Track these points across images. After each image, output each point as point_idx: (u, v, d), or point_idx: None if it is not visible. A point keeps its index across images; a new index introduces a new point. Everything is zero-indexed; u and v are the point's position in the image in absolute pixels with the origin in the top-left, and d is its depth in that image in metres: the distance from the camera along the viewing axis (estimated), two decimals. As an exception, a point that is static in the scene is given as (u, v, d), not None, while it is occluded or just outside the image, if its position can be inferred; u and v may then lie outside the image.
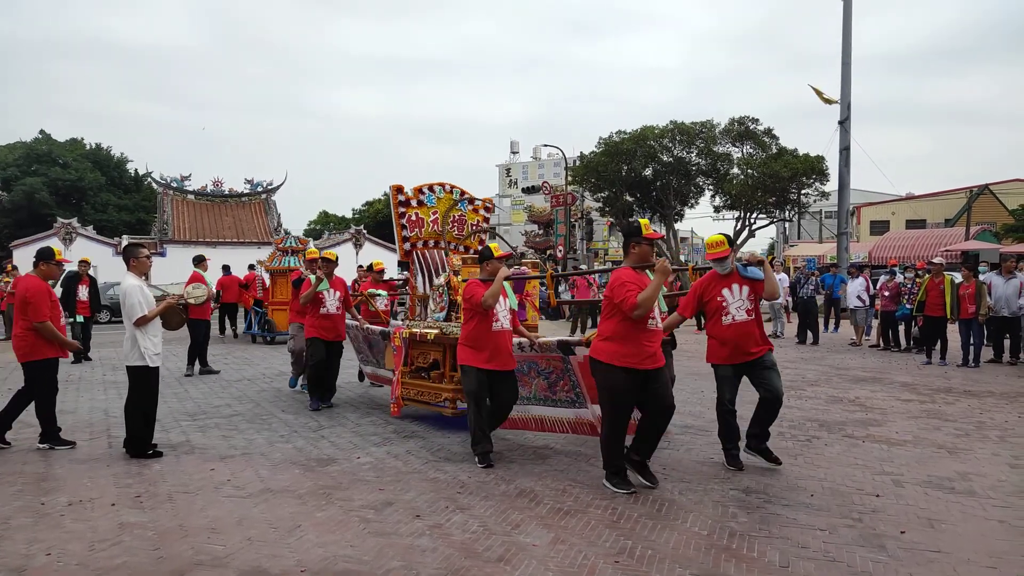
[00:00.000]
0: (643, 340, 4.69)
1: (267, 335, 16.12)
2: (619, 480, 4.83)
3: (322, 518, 4.38)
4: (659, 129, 28.69)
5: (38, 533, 4.14)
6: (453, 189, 7.72)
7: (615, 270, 4.88)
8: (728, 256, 5.34)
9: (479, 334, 5.55)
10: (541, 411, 6.12)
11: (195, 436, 6.62)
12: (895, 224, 39.46)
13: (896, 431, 6.69)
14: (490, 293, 5.43)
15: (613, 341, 4.71)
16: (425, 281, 7.56)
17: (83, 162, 50.50)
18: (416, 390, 7.03)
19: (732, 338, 5.30)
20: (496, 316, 5.57)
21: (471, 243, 7.85)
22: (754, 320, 5.33)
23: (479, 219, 7.95)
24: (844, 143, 22.97)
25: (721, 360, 5.43)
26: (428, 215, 7.54)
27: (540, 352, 5.86)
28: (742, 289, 5.31)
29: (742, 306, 5.29)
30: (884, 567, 3.62)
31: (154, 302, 5.99)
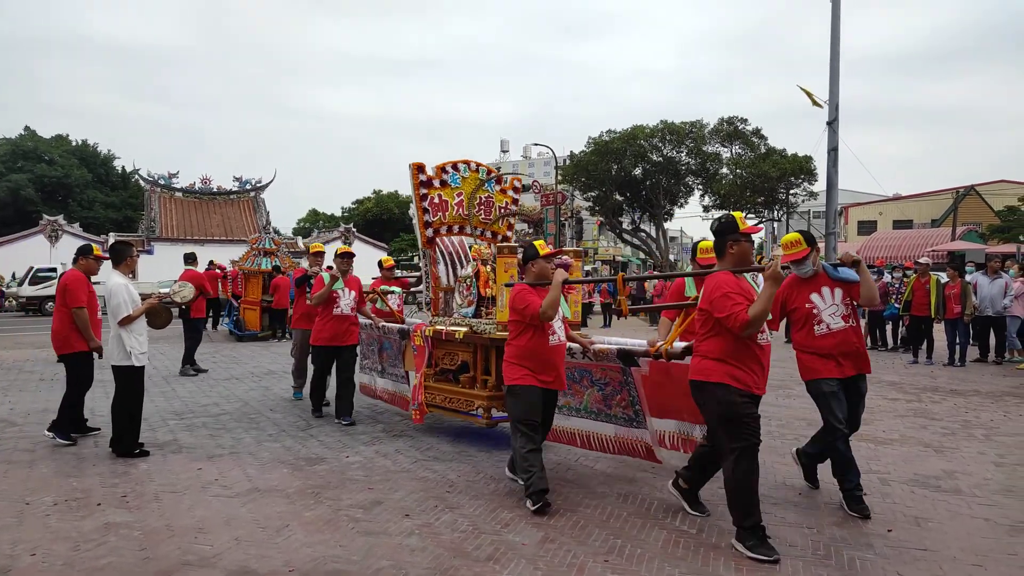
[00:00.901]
0: (759, 359, 3.90)
1: (236, 332, 16.51)
2: (757, 542, 3.75)
3: (310, 518, 4.35)
4: (649, 129, 28.79)
5: (23, 533, 4.10)
6: (479, 167, 6.93)
7: (710, 275, 4.00)
8: (807, 256, 4.50)
9: (535, 350, 4.63)
10: (588, 425, 5.34)
11: (182, 435, 6.57)
12: (882, 224, 39.78)
13: (883, 430, 6.73)
14: (549, 303, 4.50)
15: (725, 363, 3.85)
16: (448, 271, 6.78)
17: (69, 159, 50.10)
18: (443, 396, 6.26)
19: (833, 349, 4.46)
20: (552, 328, 4.69)
21: (499, 228, 7.07)
22: (854, 328, 4.52)
23: (507, 201, 7.09)
24: (832, 144, 23.04)
25: (824, 374, 4.47)
26: (452, 197, 6.70)
27: (595, 360, 5.10)
28: (834, 292, 4.50)
29: (837, 311, 4.47)
30: (871, 565, 3.64)
31: (140, 301, 5.95)
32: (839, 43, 22.80)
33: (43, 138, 52.11)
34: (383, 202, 59.52)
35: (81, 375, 6.28)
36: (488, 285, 6.15)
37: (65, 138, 53.72)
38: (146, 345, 5.92)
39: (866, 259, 28.90)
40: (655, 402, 5.03)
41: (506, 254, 5.78)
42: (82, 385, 6.32)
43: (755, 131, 28.53)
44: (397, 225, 56.18)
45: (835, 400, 4.43)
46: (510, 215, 7.12)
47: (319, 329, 7.16)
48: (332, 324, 7.07)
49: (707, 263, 5.00)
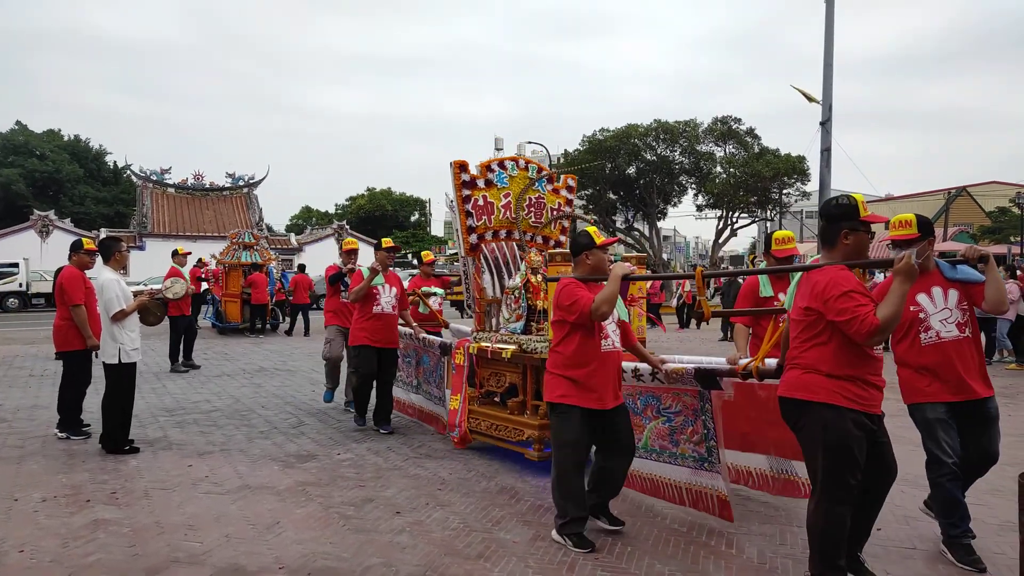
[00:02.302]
0: (873, 371, 3.20)
1: (218, 324, 17.27)
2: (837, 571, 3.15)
3: (301, 515, 4.34)
4: (643, 128, 28.83)
5: (11, 529, 4.08)
6: (528, 165, 6.27)
7: (815, 271, 3.23)
8: (913, 242, 3.68)
9: (583, 357, 3.92)
10: (653, 468, 4.51)
11: (173, 432, 6.55)
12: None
13: (873, 429, 6.75)
14: (604, 297, 3.81)
15: (835, 377, 3.12)
16: (495, 281, 6.08)
17: (61, 154, 49.77)
18: (488, 422, 5.63)
19: (938, 364, 3.76)
20: (606, 331, 4.00)
21: (551, 232, 6.35)
22: (970, 339, 3.75)
23: (561, 201, 6.36)
24: (825, 144, 23.14)
25: (927, 397, 3.82)
26: (499, 198, 6.03)
27: (667, 383, 4.27)
28: (948, 295, 3.77)
29: (950, 318, 3.74)
30: (860, 563, 3.65)
31: (132, 296, 5.92)
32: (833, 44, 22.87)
33: (34, 133, 51.76)
34: (376, 199, 59.39)
35: (79, 372, 6.29)
36: (538, 297, 5.48)
37: (57, 133, 53.37)
38: (138, 341, 5.90)
39: (858, 259, 29.03)
40: (737, 432, 4.30)
41: (559, 262, 5.00)
42: (80, 383, 6.33)
43: (749, 131, 28.63)
44: (390, 222, 56.11)
45: (941, 428, 3.74)
46: (564, 217, 6.42)
47: (357, 328, 6.55)
48: (371, 323, 6.46)
49: (784, 256, 4.40)
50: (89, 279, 6.34)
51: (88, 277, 6.34)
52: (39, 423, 6.87)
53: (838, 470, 3.10)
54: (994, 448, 3.77)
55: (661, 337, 16.49)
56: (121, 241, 6.09)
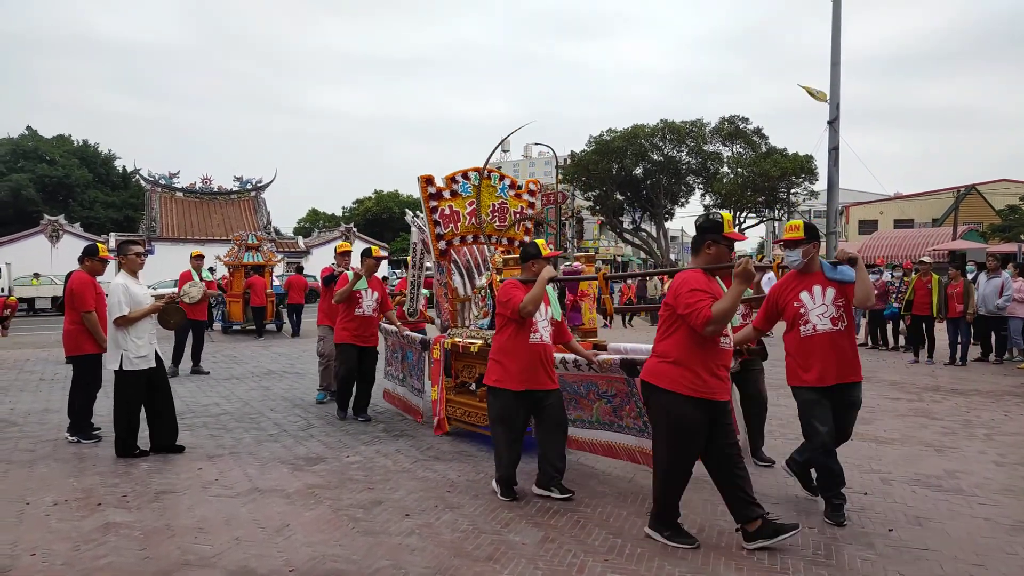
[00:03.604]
0: (715, 362, 3.77)
1: (226, 324, 17.74)
2: (674, 533, 3.91)
3: (310, 517, 4.35)
4: (650, 128, 28.78)
5: (23, 533, 4.10)
6: (491, 174, 6.72)
7: (680, 272, 3.92)
8: (799, 243, 4.25)
9: (513, 347, 4.63)
10: (608, 436, 5.17)
11: (183, 435, 6.55)
12: (883, 224, 39.72)
13: (884, 429, 6.73)
14: (530, 298, 4.51)
15: (679, 364, 3.74)
16: (465, 282, 6.64)
17: (70, 159, 50.08)
18: (463, 409, 6.23)
19: (813, 353, 4.24)
20: (535, 327, 4.66)
21: (516, 234, 6.87)
22: (843, 332, 4.22)
23: (523, 205, 6.90)
24: (833, 143, 23.03)
25: (803, 382, 4.31)
26: (464, 207, 6.58)
27: (600, 372, 4.96)
28: (825, 293, 4.23)
29: (825, 313, 4.21)
30: (872, 565, 3.63)
31: (143, 301, 5.86)
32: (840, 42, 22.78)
33: (44, 138, 52.11)
34: (383, 201, 59.55)
35: (89, 377, 6.31)
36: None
37: (66, 138, 53.71)
38: (146, 349, 5.78)
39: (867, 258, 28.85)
40: None
41: (511, 266, 5.73)
42: (91, 387, 6.36)
43: (756, 130, 28.55)
44: (397, 224, 56.21)
45: (816, 410, 4.22)
46: (527, 219, 6.93)
47: (341, 328, 7.18)
48: (354, 324, 7.10)
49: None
50: (100, 284, 6.37)
51: (99, 282, 6.37)
52: (50, 427, 6.90)
53: (676, 447, 3.80)
54: (848, 430, 4.38)
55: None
56: (131, 244, 6.03)
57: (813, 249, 4.31)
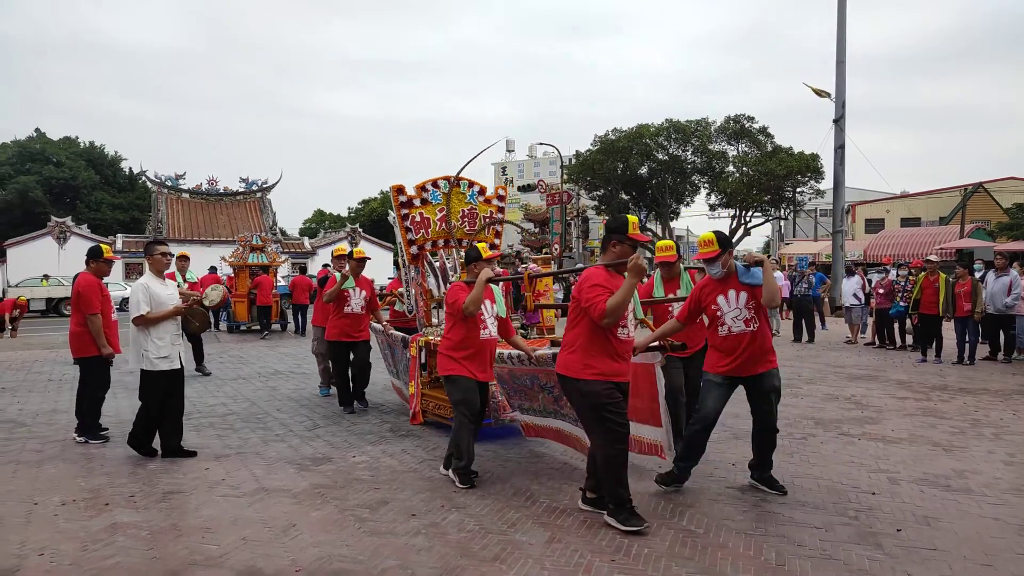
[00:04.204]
0: (616, 351, 4.11)
1: (231, 324, 18.21)
2: (628, 515, 4.09)
3: (317, 517, 4.36)
4: (655, 127, 28.74)
5: (31, 533, 4.12)
6: (460, 181, 7.06)
7: (587, 269, 4.23)
8: (717, 258, 4.58)
9: (465, 342, 5.06)
10: (557, 423, 5.44)
11: (190, 435, 6.58)
12: (890, 222, 39.54)
13: (892, 429, 6.70)
14: (471, 298, 4.94)
15: (583, 352, 4.10)
16: (440, 284, 7.09)
17: (77, 160, 50.33)
18: (435, 403, 6.60)
19: (728, 350, 4.64)
20: (484, 323, 5.10)
21: (486, 237, 7.23)
22: (754, 332, 4.56)
23: (492, 210, 7.26)
24: (839, 141, 23.00)
25: (713, 369, 4.73)
26: (434, 213, 6.94)
27: (540, 365, 5.12)
28: (739, 296, 4.56)
29: (739, 316, 4.55)
30: (880, 565, 3.62)
31: (166, 302, 5.75)
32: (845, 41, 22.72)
33: (51, 140, 52.40)
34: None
35: (96, 378, 6.32)
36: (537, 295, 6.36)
37: (73, 140, 54.00)
38: (167, 350, 5.71)
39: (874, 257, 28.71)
40: None
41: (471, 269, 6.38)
42: (98, 388, 6.37)
43: (761, 129, 28.48)
44: (403, 225, 56.24)
45: (712, 393, 4.70)
46: (496, 223, 7.26)
47: (331, 326, 7.64)
48: (343, 321, 7.53)
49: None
50: (106, 287, 6.38)
51: (105, 284, 6.38)
52: (58, 428, 6.93)
53: (602, 424, 4.06)
54: (768, 416, 4.70)
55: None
56: (157, 244, 5.96)
57: (729, 258, 4.66)
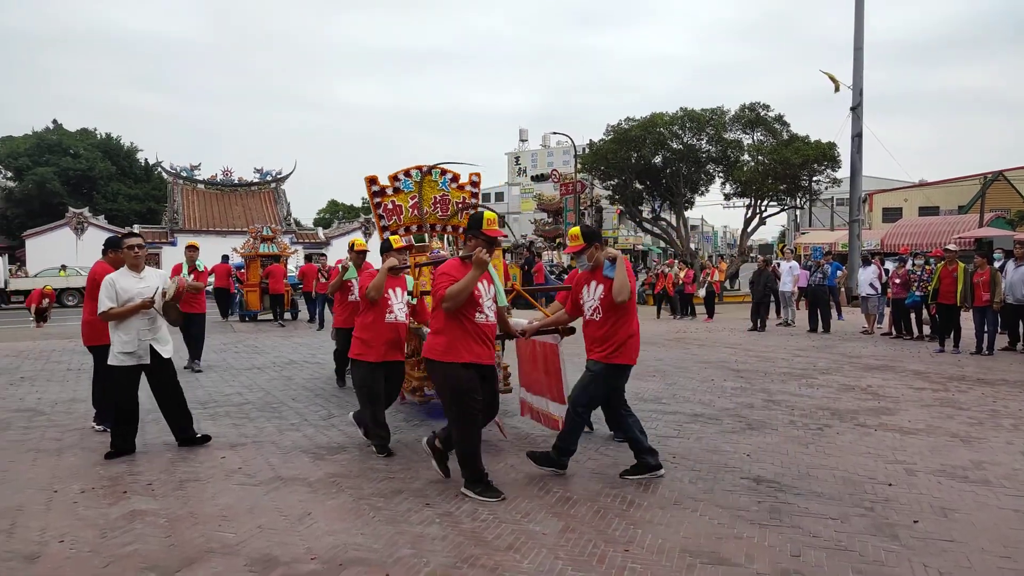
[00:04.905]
0: (473, 333, 4.45)
1: (243, 314, 18.63)
2: (484, 488, 4.48)
3: (332, 506, 4.39)
4: (669, 116, 28.50)
5: (51, 520, 4.17)
6: (432, 170, 7.34)
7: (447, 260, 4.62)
8: (583, 251, 4.90)
9: (370, 325, 5.51)
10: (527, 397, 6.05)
11: (206, 424, 6.65)
12: (908, 211, 39.11)
13: (909, 419, 6.64)
14: (372, 284, 5.42)
15: (444, 335, 4.44)
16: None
17: (93, 152, 50.66)
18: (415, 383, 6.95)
19: (585, 334, 5.00)
20: (391, 308, 5.53)
21: (459, 222, 7.46)
22: (596, 321, 4.87)
23: (465, 196, 7.56)
24: (856, 129, 22.74)
25: (588, 355, 4.98)
26: (406, 201, 7.27)
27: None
28: (597, 288, 4.87)
29: (593, 305, 4.88)
30: (897, 556, 3.59)
31: (135, 297, 5.56)
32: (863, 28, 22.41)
33: (68, 131, 52.76)
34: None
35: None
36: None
37: (90, 131, 54.35)
38: (132, 344, 5.54)
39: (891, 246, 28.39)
40: (531, 378, 5.84)
41: (415, 253, 7.08)
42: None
43: (777, 117, 28.12)
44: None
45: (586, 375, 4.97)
46: (469, 208, 7.47)
47: (338, 313, 8.19)
48: (347, 309, 7.88)
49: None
50: None
51: None
52: (77, 416, 7.02)
53: (459, 404, 4.40)
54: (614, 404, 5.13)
55: (690, 327, 16.35)
56: (127, 238, 5.80)
57: (596, 251, 4.93)
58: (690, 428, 6.36)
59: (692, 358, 11.04)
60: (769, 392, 8.08)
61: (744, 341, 13.42)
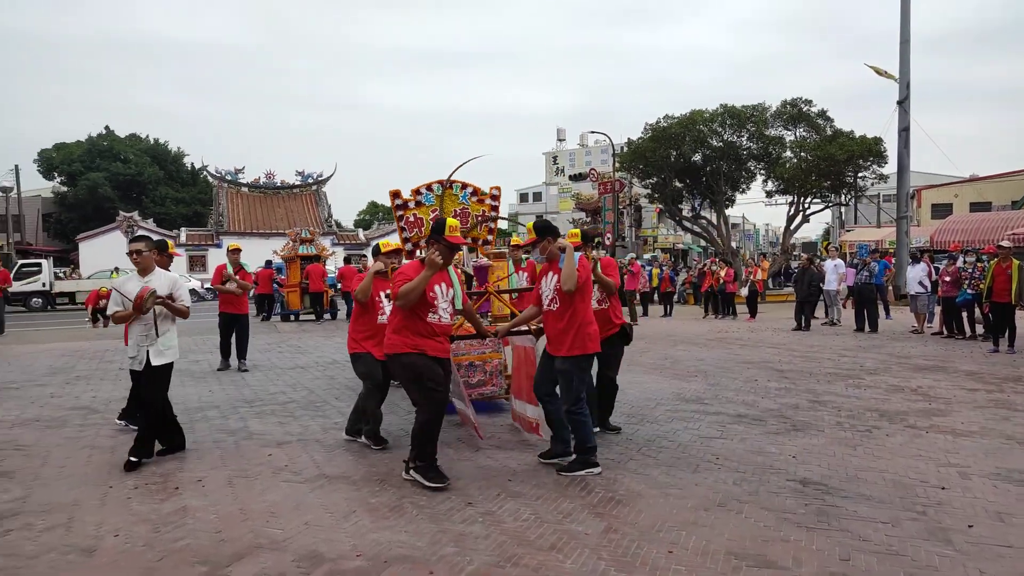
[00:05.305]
0: (425, 331, 4.76)
1: (284, 313, 19.26)
2: (433, 474, 4.70)
3: (376, 504, 4.44)
4: (708, 113, 28.13)
5: (106, 515, 4.31)
6: (453, 184, 7.72)
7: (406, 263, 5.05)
8: (535, 244, 5.23)
9: (364, 326, 5.93)
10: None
11: (253, 422, 6.79)
12: (958, 207, 37.95)
13: (962, 421, 6.45)
14: (359, 288, 5.76)
15: (400, 331, 4.77)
16: None
17: (142, 157, 52.07)
18: None
19: (545, 327, 5.23)
20: (382, 309, 5.82)
21: (479, 234, 7.81)
22: (554, 312, 5.07)
23: (485, 209, 7.89)
24: (903, 124, 22.17)
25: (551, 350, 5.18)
26: (427, 214, 7.63)
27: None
28: (552, 279, 5.11)
29: (550, 296, 5.11)
30: (951, 562, 3.50)
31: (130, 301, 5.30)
32: (909, 19, 21.83)
33: (119, 137, 54.31)
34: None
35: None
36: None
37: (140, 137, 55.88)
38: (133, 350, 5.46)
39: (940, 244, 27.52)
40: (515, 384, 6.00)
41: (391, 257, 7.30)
42: None
43: (820, 112, 27.52)
44: (455, 216, 56.55)
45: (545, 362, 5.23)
46: (489, 220, 7.85)
47: None
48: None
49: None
50: None
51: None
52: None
53: (422, 390, 4.71)
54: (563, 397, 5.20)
55: (732, 327, 16.13)
56: (132, 242, 5.56)
57: (548, 244, 5.14)
58: (733, 429, 6.28)
59: (734, 358, 10.88)
60: (815, 393, 7.93)
61: (788, 341, 13.18)
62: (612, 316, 5.89)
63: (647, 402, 7.51)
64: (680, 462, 5.27)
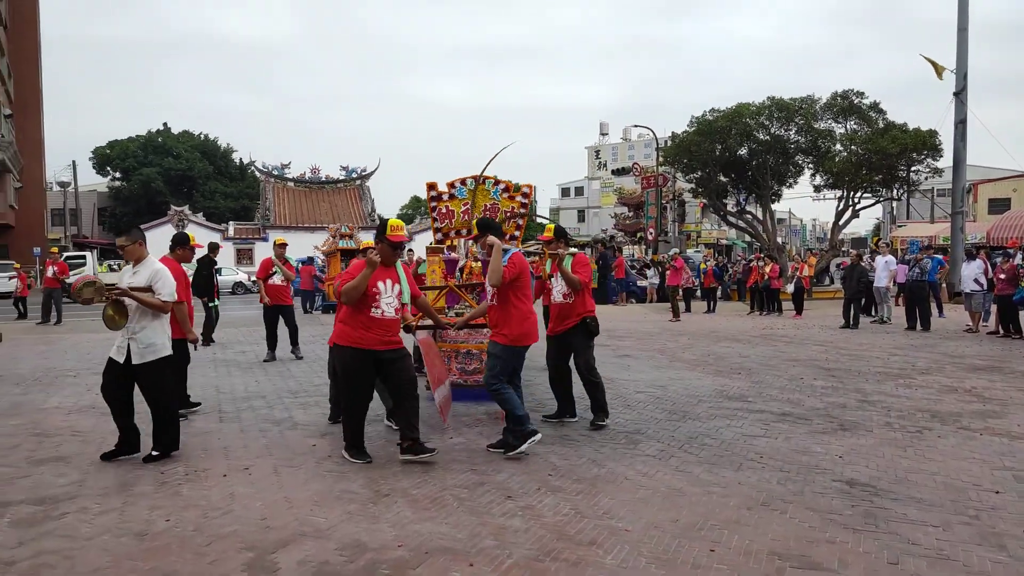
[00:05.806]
0: (369, 324, 5.06)
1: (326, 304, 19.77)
2: (357, 452, 5.21)
3: (417, 495, 4.49)
4: (755, 106, 27.59)
5: (158, 500, 4.44)
6: (486, 180, 7.95)
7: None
8: (476, 239, 5.84)
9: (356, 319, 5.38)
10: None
11: (297, 413, 6.92)
12: (1017, 202, 36.57)
13: (1018, 424, 6.23)
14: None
15: (344, 324, 5.13)
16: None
17: (193, 152, 53.43)
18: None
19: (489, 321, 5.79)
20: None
21: (507, 228, 7.80)
22: (495, 307, 5.56)
23: (515, 206, 8.06)
24: (960, 116, 21.46)
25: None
26: (459, 207, 7.98)
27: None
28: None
29: (491, 291, 5.57)
30: (1005, 568, 3.39)
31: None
32: (967, 7, 21.08)
33: (171, 133, 55.82)
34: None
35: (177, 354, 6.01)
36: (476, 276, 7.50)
37: (191, 133, 57.32)
38: (119, 340, 5.38)
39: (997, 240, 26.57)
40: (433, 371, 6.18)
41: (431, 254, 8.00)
42: (180, 364, 6.36)
43: (872, 105, 26.74)
44: (497, 210, 56.68)
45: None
46: (517, 217, 8.08)
47: None
48: None
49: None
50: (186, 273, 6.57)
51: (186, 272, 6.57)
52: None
53: (347, 382, 5.19)
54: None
55: (777, 323, 15.85)
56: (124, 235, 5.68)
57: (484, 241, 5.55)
58: (778, 427, 6.18)
59: (779, 355, 10.69)
60: (863, 392, 7.74)
61: (835, 339, 12.90)
62: (577, 308, 6.14)
63: (689, 399, 7.44)
64: (723, 460, 5.21)
